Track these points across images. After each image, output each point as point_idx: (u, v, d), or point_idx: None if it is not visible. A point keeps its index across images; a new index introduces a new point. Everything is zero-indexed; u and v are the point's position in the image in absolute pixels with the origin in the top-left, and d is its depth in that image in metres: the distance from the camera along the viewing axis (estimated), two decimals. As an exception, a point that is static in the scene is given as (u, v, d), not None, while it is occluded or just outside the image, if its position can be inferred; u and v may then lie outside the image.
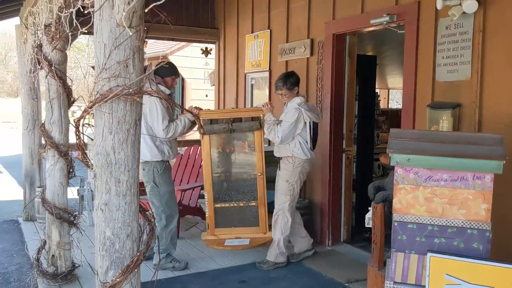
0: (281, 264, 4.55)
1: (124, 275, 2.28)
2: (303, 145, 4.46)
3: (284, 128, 4.37)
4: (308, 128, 4.46)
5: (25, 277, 4.50)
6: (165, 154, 4.39)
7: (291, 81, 4.51)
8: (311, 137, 4.48)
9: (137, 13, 2.22)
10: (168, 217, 4.45)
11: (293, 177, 4.48)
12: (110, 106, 2.27)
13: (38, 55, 3.95)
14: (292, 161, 4.48)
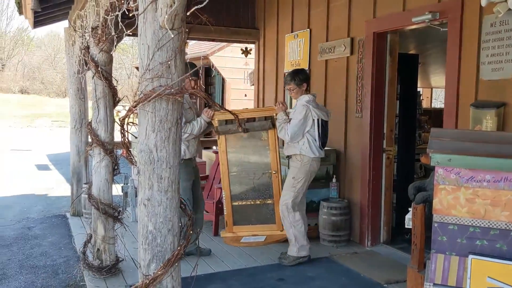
0: (303, 258, 4.57)
1: (165, 268, 2.37)
2: (312, 143, 4.47)
3: (293, 125, 4.41)
4: (317, 126, 4.47)
5: (72, 269, 4.71)
6: (181, 153, 4.43)
7: (299, 77, 4.57)
8: (319, 135, 4.49)
9: (179, 16, 2.30)
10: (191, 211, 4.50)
11: (300, 174, 4.49)
12: (153, 105, 2.36)
13: (86, 56, 4.12)
14: (300, 159, 4.50)
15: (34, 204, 7.81)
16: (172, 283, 2.48)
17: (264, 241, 4.72)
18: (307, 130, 4.45)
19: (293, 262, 4.56)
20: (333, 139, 5.63)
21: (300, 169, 4.50)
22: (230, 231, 4.88)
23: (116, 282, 4.11)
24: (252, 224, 4.87)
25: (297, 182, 4.50)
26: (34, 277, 4.58)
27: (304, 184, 4.55)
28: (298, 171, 4.51)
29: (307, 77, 4.68)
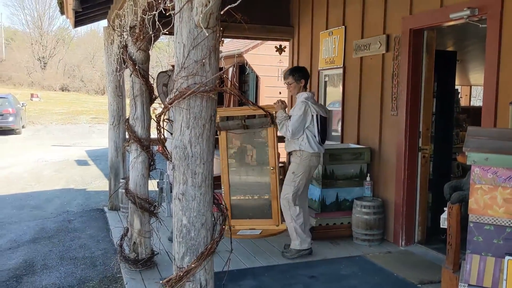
0: (305, 251, 4.66)
1: (199, 262, 2.42)
2: (311, 139, 4.57)
3: (293, 121, 4.52)
4: (316, 121, 4.58)
5: (109, 261, 4.86)
6: None
7: (299, 74, 4.73)
8: (318, 130, 4.59)
9: (214, 15, 2.34)
10: None
11: (300, 169, 4.60)
12: (188, 102, 2.42)
13: (124, 55, 4.23)
14: (300, 154, 4.60)
15: (74, 198, 8.08)
16: (205, 276, 2.54)
17: (259, 235, 4.88)
18: (307, 126, 4.56)
19: (295, 255, 4.65)
20: (367, 137, 5.59)
21: (299, 164, 4.61)
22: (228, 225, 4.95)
23: (151, 275, 4.21)
24: (250, 218, 5.03)
25: (297, 176, 4.60)
26: (73, 268, 4.75)
27: (304, 179, 4.65)
28: (298, 166, 4.61)
29: (306, 74, 4.80)
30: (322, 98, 6.71)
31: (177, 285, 2.49)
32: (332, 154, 5.28)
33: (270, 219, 5.00)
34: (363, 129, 5.69)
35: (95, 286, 4.32)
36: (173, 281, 2.50)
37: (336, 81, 6.47)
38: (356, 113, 5.79)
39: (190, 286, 2.52)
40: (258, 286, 4.03)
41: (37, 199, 7.93)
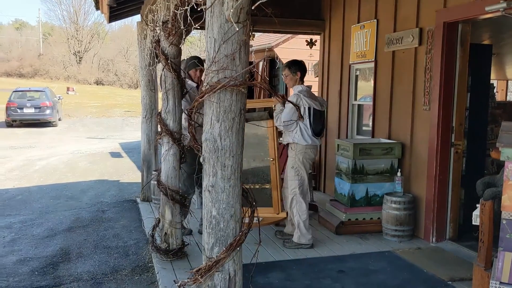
0: (304, 245, 4.75)
1: (228, 252, 2.47)
2: (304, 131, 4.68)
3: (285, 113, 4.65)
4: (308, 114, 4.68)
5: (141, 251, 4.99)
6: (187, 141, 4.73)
7: (295, 67, 4.85)
8: (310, 123, 4.69)
9: (244, 9, 2.37)
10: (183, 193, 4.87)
11: (297, 163, 4.74)
12: (218, 96, 2.46)
13: (156, 49, 4.31)
14: (294, 147, 4.74)
15: (107, 189, 8.29)
16: (233, 266, 2.59)
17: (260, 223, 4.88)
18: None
19: (293, 247, 4.78)
20: (398, 132, 5.52)
21: (295, 158, 4.75)
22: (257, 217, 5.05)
23: (182, 265, 4.30)
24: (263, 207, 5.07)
25: (297, 170, 4.75)
26: (107, 257, 4.90)
27: (304, 171, 4.77)
28: (295, 161, 4.76)
29: (302, 68, 4.90)
30: (353, 92, 6.66)
31: (206, 275, 2.55)
32: (363, 149, 5.25)
33: (270, 207, 5.12)
34: (394, 124, 5.63)
35: (127, 275, 4.44)
36: (203, 271, 2.55)
37: (368, 75, 6.41)
38: (387, 108, 5.73)
39: (219, 276, 2.58)
40: (286, 278, 4.06)
41: (73, 190, 8.18)
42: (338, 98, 6.95)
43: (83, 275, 4.43)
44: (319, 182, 7.52)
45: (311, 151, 4.76)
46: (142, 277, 4.39)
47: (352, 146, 5.23)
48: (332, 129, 7.16)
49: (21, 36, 55.47)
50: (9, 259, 4.85)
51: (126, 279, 4.35)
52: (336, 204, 5.51)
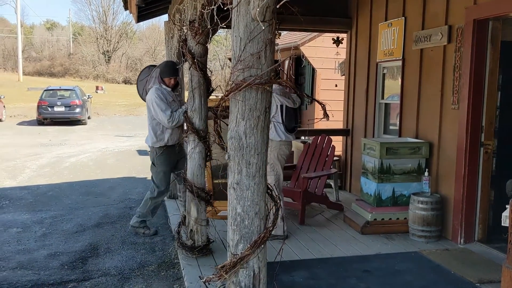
0: (280, 236, 4.84)
1: (252, 249, 2.49)
2: (277, 127, 4.87)
3: None
4: (280, 111, 4.88)
5: (168, 247, 5.06)
6: (164, 141, 5.21)
7: None
8: (283, 119, 4.88)
9: (270, 8, 2.38)
10: (159, 192, 5.33)
11: (272, 158, 4.89)
12: (243, 94, 2.48)
13: (183, 48, 4.37)
14: (270, 144, 4.71)
15: (135, 186, 8.43)
16: (258, 264, 2.61)
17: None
18: (272, 115, 4.79)
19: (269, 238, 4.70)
20: (426, 131, 5.44)
21: (270, 155, 4.80)
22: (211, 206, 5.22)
23: (207, 262, 4.35)
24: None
25: (272, 166, 4.90)
26: (134, 253, 4.99)
27: (279, 167, 4.97)
28: (270, 157, 4.77)
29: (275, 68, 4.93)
30: (380, 91, 6.60)
31: (231, 271, 2.58)
32: (389, 148, 5.20)
33: None
34: (422, 123, 5.55)
35: (154, 271, 4.52)
36: (227, 267, 2.58)
37: (395, 74, 6.33)
38: (415, 106, 5.65)
39: (243, 272, 2.60)
40: (310, 277, 4.06)
41: (101, 187, 8.35)
42: (364, 97, 6.89)
43: (111, 270, 4.52)
44: (345, 182, 7.48)
45: (285, 147, 4.97)
46: (168, 273, 4.45)
47: (379, 145, 5.18)
48: (358, 128, 7.11)
49: (52, 36, 56.89)
50: (40, 253, 4.99)
51: (153, 275, 4.42)
52: (362, 204, 5.47)
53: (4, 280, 4.30)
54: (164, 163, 5.27)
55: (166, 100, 5.08)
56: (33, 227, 5.91)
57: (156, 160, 5.28)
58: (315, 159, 6.39)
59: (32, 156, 11.77)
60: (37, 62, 48.42)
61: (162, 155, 5.25)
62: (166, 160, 5.28)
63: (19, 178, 9.03)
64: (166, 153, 5.26)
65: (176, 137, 5.27)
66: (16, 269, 4.56)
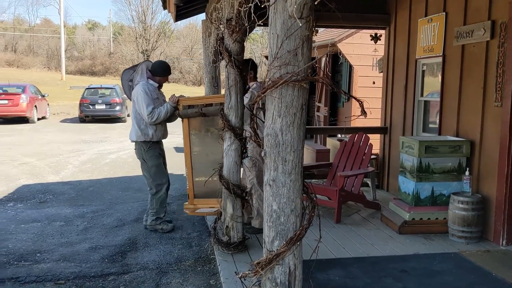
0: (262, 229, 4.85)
1: (288, 246, 2.50)
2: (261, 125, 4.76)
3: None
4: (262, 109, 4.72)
5: (204, 243, 5.13)
6: (149, 136, 5.37)
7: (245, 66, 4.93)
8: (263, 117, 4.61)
9: (308, 5, 2.38)
10: (157, 186, 5.48)
11: (255, 154, 4.98)
12: (280, 91, 2.49)
13: (220, 46, 4.41)
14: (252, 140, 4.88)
15: (172, 183, 8.49)
16: (293, 261, 2.61)
17: (214, 212, 5.19)
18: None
19: (255, 232, 5.03)
20: (467, 129, 5.30)
21: (253, 150, 4.97)
22: (191, 203, 5.44)
23: (242, 258, 4.38)
24: (208, 198, 5.31)
25: (254, 161, 5.01)
26: (171, 247, 5.09)
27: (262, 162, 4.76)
28: (253, 152, 4.99)
29: (253, 66, 5.17)
30: (419, 88, 6.46)
31: (266, 268, 2.60)
32: (429, 147, 5.09)
33: None
34: (463, 121, 5.40)
35: (190, 266, 4.59)
36: (263, 263, 2.60)
37: (435, 71, 6.19)
38: (455, 104, 5.51)
39: (279, 269, 2.61)
40: (346, 276, 4.03)
41: (140, 182, 8.52)
42: (403, 94, 6.77)
43: (149, 264, 4.63)
44: (382, 180, 7.37)
45: None
46: (204, 268, 4.52)
47: (418, 143, 5.08)
48: (396, 125, 6.99)
49: (93, 36, 58.53)
50: (82, 246, 5.16)
51: (189, 270, 4.49)
52: (399, 203, 5.38)
53: (49, 271, 4.47)
54: (153, 157, 5.45)
55: (150, 96, 5.30)
56: (75, 221, 6.11)
57: (145, 156, 5.44)
58: (351, 157, 6.32)
59: (74, 152, 12.15)
60: (79, 61, 49.90)
61: (150, 149, 5.43)
62: (155, 154, 5.47)
63: (62, 174, 9.35)
64: (153, 148, 5.46)
65: (161, 133, 5.49)
66: (60, 261, 4.73)
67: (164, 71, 5.54)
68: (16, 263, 4.67)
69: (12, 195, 7.57)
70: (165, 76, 5.55)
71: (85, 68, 48.37)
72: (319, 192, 5.81)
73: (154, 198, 5.53)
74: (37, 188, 8.04)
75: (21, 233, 5.59)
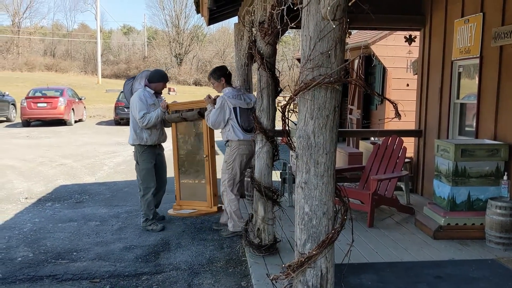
0: (239, 232, 5.16)
1: (320, 249, 2.48)
2: (235, 128, 5.22)
3: (212, 114, 5.22)
4: (234, 113, 5.20)
5: (235, 245, 5.15)
6: (143, 139, 5.66)
7: (217, 73, 5.43)
8: (238, 121, 5.21)
9: (341, 7, 2.37)
10: (145, 189, 5.72)
11: (231, 158, 5.26)
12: (312, 93, 2.48)
13: (252, 49, 4.43)
14: (230, 144, 5.29)
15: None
16: (325, 264, 2.60)
17: (194, 213, 5.79)
18: (228, 117, 5.20)
19: (230, 235, 5.37)
20: (505, 133, 5.15)
21: (230, 154, 5.26)
22: (178, 204, 5.97)
23: (273, 261, 4.38)
24: (192, 200, 5.86)
25: (229, 164, 5.27)
26: (203, 249, 5.13)
27: (236, 167, 5.28)
28: (229, 155, 5.28)
29: (224, 73, 5.43)
30: (455, 91, 6.31)
31: (298, 270, 2.59)
32: (465, 150, 4.96)
33: (205, 201, 5.79)
34: (501, 124, 5.25)
35: (222, 267, 4.62)
36: (295, 266, 2.59)
37: (472, 72, 6.03)
38: (493, 106, 5.35)
39: (311, 272, 2.60)
40: (379, 281, 3.98)
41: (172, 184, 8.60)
42: (438, 97, 6.63)
43: (181, 265, 4.68)
44: (416, 184, 7.23)
45: (244, 147, 5.26)
46: (236, 270, 4.54)
47: (454, 147, 4.96)
48: (431, 129, 6.84)
49: (128, 40, 59.81)
50: (116, 245, 5.27)
51: (221, 271, 4.52)
52: (434, 208, 5.27)
53: (85, 270, 4.58)
54: (145, 161, 5.72)
55: (146, 102, 5.62)
56: (110, 221, 6.25)
57: (139, 158, 5.74)
58: (385, 161, 6.23)
59: (109, 154, 12.43)
60: (114, 65, 51.07)
61: (144, 153, 5.72)
62: (148, 158, 5.73)
63: (98, 175, 9.57)
64: (147, 152, 5.73)
65: (156, 137, 5.74)
66: (95, 260, 4.85)
67: (158, 78, 5.84)
68: (54, 261, 4.81)
69: (50, 195, 7.80)
70: (159, 82, 5.83)
71: (120, 72, 49.44)
72: (351, 195, 5.74)
73: (141, 200, 5.79)
74: (74, 189, 8.27)
75: (59, 232, 5.75)
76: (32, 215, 6.54)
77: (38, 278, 4.39)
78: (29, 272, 4.52)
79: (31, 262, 4.77)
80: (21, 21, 54.91)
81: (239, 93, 5.40)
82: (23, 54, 50.63)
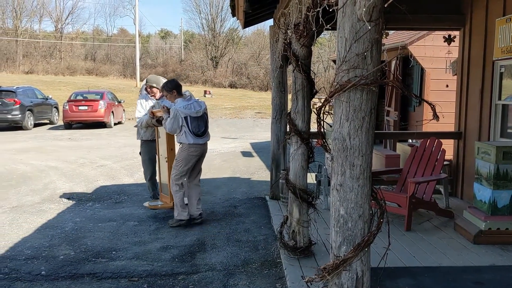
0: (182, 221, 5.99)
1: (355, 252, 2.47)
2: (187, 133, 5.92)
3: (167, 123, 5.96)
4: (186, 121, 5.88)
5: (270, 247, 5.16)
6: (141, 135, 6.92)
7: (168, 86, 6.08)
8: (189, 127, 5.89)
9: (377, 8, 2.35)
10: (145, 175, 7.10)
11: (181, 157, 5.97)
12: (348, 95, 2.47)
13: (288, 51, 4.44)
14: (181, 146, 6.02)
15: (239, 186, 8.71)
16: (361, 267, 2.57)
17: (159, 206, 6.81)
18: (181, 124, 5.88)
19: (175, 224, 6.03)
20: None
21: (180, 154, 5.98)
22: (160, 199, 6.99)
23: (308, 263, 4.36)
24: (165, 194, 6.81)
25: (178, 162, 5.98)
26: (238, 250, 5.17)
27: (184, 165, 5.97)
28: (179, 155, 6.00)
29: (175, 85, 6.09)
30: (496, 91, 6.12)
31: (333, 273, 2.58)
32: (507, 152, 4.80)
33: (168, 196, 6.65)
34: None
35: (257, 268, 4.64)
36: (330, 269, 2.58)
37: (514, 72, 5.84)
38: (538, 108, 5.17)
39: (346, 275, 2.58)
40: (416, 285, 3.90)
41: (208, 186, 8.74)
42: (479, 98, 6.45)
43: (216, 265, 4.73)
44: (456, 188, 7.04)
45: (194, 149, 5.97)
46: (271, 272, 4.55)
47: (495, 149, 4.81)
48: (471, 131, 6.66)
49: (165, 44, 60.91)
50: (154, 245, 5.38)
51: (256, 272, 4.54)
52: (474, 212, 5.12)
53: (123, 268, 4.70)
54: (144, 152, 6.99)
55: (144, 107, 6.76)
56: (147, 221, 6.38)
57: (142, 150, 7.02)
58: (423, 163, 6.10)
59: (147, 155, 12.66)
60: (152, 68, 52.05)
61: (143, 146, 6.98)
62: (145, 151, 6.97)
63: (136, 176, 9.78)
64: (144, 146, 6.96)
65: (149, 134, 6.84)
66: (133, 259, 4.96)
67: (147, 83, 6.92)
68: (93, 259, 4.95)
69: (91, 195, 8.03)
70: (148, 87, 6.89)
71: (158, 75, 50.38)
72: (388, 198, 5.65)
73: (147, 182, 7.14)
74: (113, 189, 8.48)
75: (98, 231, 5.92)
76: (73, 215, 6.75)
77: (79, 276, 4.53)
78: (70, 270, 4.67)
79: (72, 260, 4.93)
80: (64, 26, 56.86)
81: (189, 102, 6.02)
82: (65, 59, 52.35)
